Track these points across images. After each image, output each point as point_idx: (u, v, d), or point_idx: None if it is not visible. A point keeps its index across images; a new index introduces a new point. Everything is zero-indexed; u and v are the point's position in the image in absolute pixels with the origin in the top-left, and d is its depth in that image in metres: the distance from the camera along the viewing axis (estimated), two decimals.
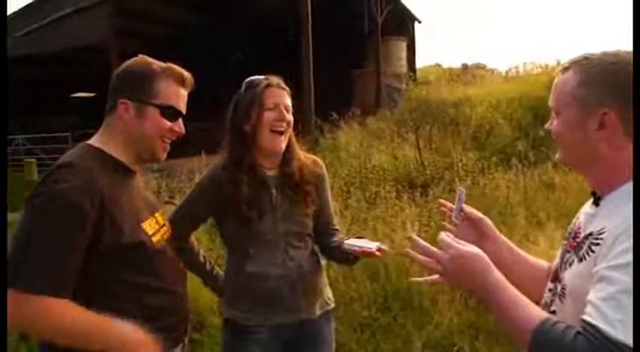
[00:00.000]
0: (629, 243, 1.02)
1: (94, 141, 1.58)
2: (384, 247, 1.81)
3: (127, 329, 1.41)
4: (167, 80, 1.59)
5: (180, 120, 1.63)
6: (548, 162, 7.37)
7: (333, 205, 2.21)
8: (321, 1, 13.15)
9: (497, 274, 1.14)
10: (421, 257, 1.19)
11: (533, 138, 8.84)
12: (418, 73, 18.59)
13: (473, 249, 1.16)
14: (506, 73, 17.66)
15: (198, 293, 3.54)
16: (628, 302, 0.97)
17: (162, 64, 1.61)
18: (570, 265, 1.20)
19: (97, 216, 1.40)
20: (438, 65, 25.04)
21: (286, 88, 1.94)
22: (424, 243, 1.19)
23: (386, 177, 5.94)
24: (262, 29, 17.46)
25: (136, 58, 1.63)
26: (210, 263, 2.12)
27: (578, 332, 1.00)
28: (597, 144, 1.17)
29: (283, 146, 1.90)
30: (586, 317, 1.01)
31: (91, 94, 21.40)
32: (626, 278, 0.99)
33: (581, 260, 1.16)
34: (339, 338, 3.65)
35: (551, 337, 1.02)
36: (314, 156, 2.09)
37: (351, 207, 5.06)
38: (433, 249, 1.17)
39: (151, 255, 1.53)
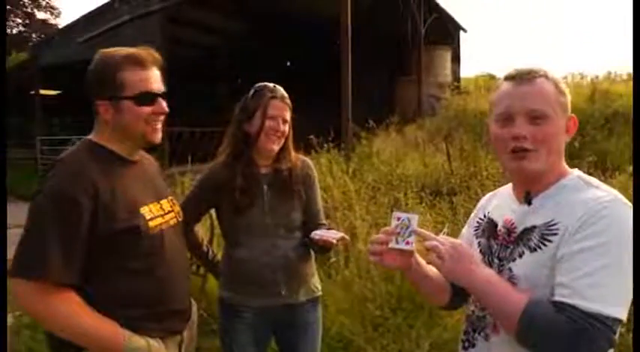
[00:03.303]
0: (589, 231, 1.17)
1: (92, 135, 1.65)
2: (347, 238, 2.02)
3: (110, 334, 1.47)
4: (129, 68, 1.56)
5: (159, 100, 1.61)
6: None
7: (357, 209, 2.34)
8: (365, 10, 13.33)
9: (485, 272, 1.27)
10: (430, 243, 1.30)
11: None
12: (467, 83, 18.44)
13: (462, 247, 1.30)
14: None
15: (213, 283, 3.74)
16: (600, 278, 1.13)
17: (121, 53, 1.58)
18: (520, 256, 1.29)
19: (93, 204, 1.46)
20: (491, 75, 24.52)
21: (288, 102, 2.17)
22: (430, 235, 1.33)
23: (411, 183, 6.06)
24: (305, 36, 17.72)
25: (95, 56, 1.60)
26: (212, 251, 2.37)
27: (557, 311, 1.13)
28: (562, 148, 1.31)
29: (276, 148, 2.14)
30: (559, 299, 1.14)
31: None
32: (594, 259, 1.14)
33: (535, 249, 1.26)
34: (348, 334, 3.80)
35: (540, 313, 1.15)
36: (305, 158, 2.31)
37: (372, 211, 5.20)
38: (436, 238, 1.32)
39: (144, 239, 1.56)
